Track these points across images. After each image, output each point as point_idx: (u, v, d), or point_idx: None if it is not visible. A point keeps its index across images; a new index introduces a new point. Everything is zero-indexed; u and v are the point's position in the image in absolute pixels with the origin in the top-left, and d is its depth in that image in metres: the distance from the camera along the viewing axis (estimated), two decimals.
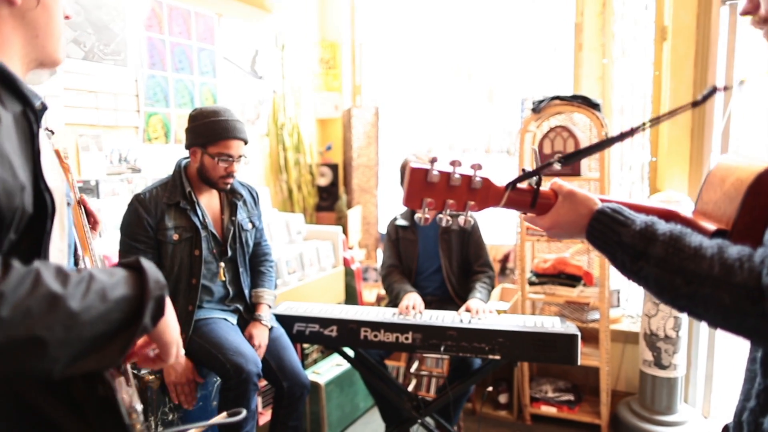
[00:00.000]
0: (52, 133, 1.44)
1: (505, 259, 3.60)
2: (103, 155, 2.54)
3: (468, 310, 2.31)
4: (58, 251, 0.80)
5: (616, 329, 2.97)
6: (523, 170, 0.96)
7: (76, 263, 1.07)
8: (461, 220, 0.94)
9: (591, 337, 2.93)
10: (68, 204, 0.90)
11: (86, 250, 1.18)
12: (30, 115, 0.75)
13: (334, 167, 4.05)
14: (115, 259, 2.27)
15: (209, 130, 1.97)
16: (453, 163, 0.91)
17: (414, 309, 2.32)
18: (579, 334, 2.05)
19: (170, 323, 0.82)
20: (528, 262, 2.90)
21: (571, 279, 2.76)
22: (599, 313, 2.72)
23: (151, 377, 1.93)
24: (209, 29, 3.12)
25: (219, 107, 2.03)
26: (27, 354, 0.60)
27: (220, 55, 3.20)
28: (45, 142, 0.82)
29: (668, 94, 2.81)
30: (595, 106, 2.59)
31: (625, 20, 3.05)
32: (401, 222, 2.76)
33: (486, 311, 2.30)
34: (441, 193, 0.91)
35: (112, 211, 2.49)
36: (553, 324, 2.15)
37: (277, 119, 3.64)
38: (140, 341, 0.87)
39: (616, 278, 2.98)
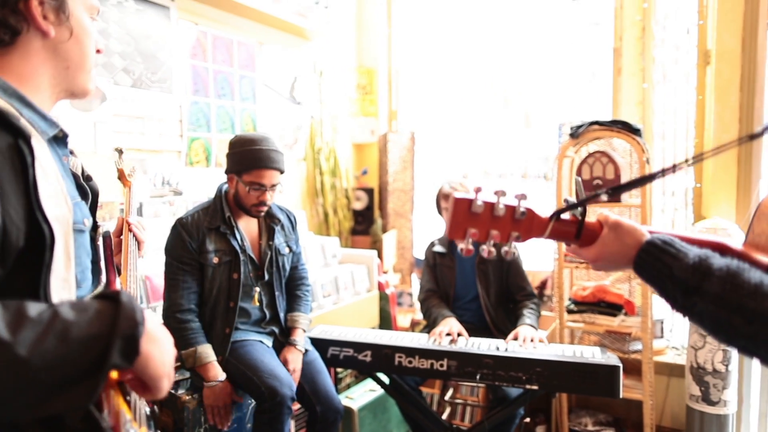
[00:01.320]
0: (121, 152, 1.50)
1: (542, 286, 3.53)
2: (147, 178, 2.62)
3: (516, 338, 2.26)
4: (62, 281, 0.78)
5: (660, 361, 2.85)
6: (566, 201, 0.94)
7: (109, 286, 1.07)
8: (504, 251, 0.93)
9: (633, 368, 2.82)
10: (80, 231, 0.87)
11: (123, 274, 1.19)
12: (23, 147, 0.74)
13: (369, 191, 4.07)
14: (156, 279, 2.32)
15: (244, 159, 1.99)
16: (497, 193, 0.91)
17: (450, 335, 2.29)
18: (621, 365, 1.98)
19: (155, 356, 0.75)
20: (566, 289, 2.83)
21: (611, 308, 2.68)
22: (641, 343, 2.62)
23: (187, 397, 1.95)
24: (250, 57, 3.21)
25: (258, 136, 2.03)
26: None
27: (260, 81, 3.29)
28: (52, 170, 0.81)
29: (713, 119, 2.74)
30: (635, 132, 2.54)
31: (665, 45, 3.00)
32: (439, 248, 2.74)
33: (536, 339, 2.24)
34: (485, 223, 0.90)
35: (153, 233, 2.56)
36: (593, 354, 2.09)
37: (314, 144, 3.69)
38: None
39: (659, 308, 2.88)
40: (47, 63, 0.86)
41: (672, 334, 3.07)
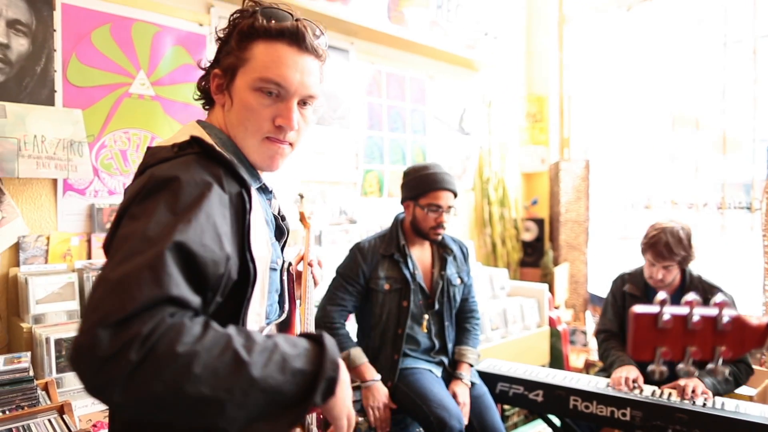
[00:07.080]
0: (302, 197, 1.64)
1: None
2: (327, 208, 2.83)
3: (676, 387, 1.97)
4: (256, 315, 0.87)
5: None
6: None
7: (290, 315, 1.14)
8: (710, 368, 0.79)
9: None
10: (273, 269, 0.96)
11: (302, 306, 1.26)
12: (245, 195, 0.84)
13: (539, 222, 3.91)
14: None
15: (420, 183, 2.07)
16: (689, 304, 0.79)
17: (629, 383, 2.06)
18: None
19: (340, 398, 0.81)
20: None
21: None
22: None
23: (360, 419, 2.01)
24: (421, 91, 3.33)
25: (429, 162, 2.12)
26: (207, 410, 0.65)
27: (430, 114, 3.38)
28: (260, 216, 0.91)
29: None
30: None
31: None
32: (629, 289, 2.43)
33: (699, 391, 1.93)
34: (677, 339, 0.79)
35: (330, 259, 2.73)
36: None
37: (483, 174, 3.67)
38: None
39: None
40: (228, 126, 0.97)
41: None
